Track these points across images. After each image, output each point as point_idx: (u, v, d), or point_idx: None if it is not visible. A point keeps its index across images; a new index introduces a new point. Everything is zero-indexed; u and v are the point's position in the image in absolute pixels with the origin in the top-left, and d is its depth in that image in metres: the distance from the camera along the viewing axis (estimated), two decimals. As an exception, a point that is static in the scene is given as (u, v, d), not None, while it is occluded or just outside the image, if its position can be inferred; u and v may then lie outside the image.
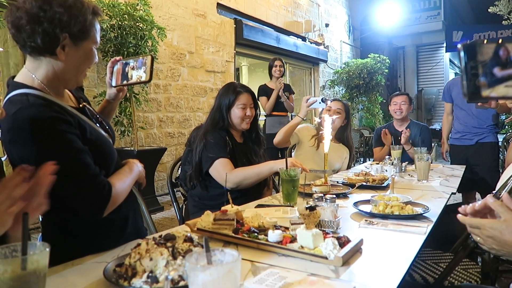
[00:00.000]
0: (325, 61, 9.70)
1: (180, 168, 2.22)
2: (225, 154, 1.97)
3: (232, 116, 2.09)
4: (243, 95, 2.09)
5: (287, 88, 5.10)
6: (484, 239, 0.92)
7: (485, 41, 0.56)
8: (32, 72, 1.16)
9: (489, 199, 0.93)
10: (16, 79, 1.16)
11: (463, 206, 0.98)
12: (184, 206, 2.20)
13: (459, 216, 0.98)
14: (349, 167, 3.03)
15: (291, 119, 4.54)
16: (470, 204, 0.98)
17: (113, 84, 1.46)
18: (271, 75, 5.05)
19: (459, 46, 0.55)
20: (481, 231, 0.92)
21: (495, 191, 1.79)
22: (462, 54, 0.56)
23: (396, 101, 3.44)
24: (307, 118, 6.00)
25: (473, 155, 3.37)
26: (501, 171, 3.58)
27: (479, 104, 2.78)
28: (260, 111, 2.23)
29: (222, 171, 1.92)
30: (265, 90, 4.94)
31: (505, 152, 3.75)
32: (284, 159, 1.83)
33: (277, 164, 1.95)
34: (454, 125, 3.58)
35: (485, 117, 3.35)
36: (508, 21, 6.34)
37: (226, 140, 2.04)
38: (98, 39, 1.22)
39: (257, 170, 1.99)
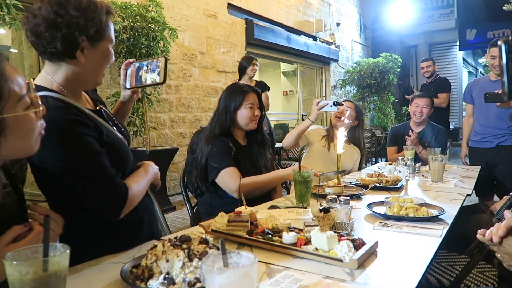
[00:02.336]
0: (336, 61, 9.65)
1: (185, 176, 2.19)
2: (230, 162, 1.93)
3: (239, 117, 2.05)
4: (250, 95, 2.06)
5: (260, 86, 4.70)
6: (502, 256, 0.90)
7: None
8: (51, 75, 1.18)
9: (507, 214, 0.91)
10: (35, 82, 1.18)
11: (482, 230, 0.96)
12: (195, 210, 2.20)
13: (478, 236, 0.97)
14: (360, 168, 3.01)
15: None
16: (494, 228, 0.95)
17: (127, 86, 1.47)
18: (241, 74, 4.76)
19: (499, 41, 0.53)
20: (499, 247, 0.91)
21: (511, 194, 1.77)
22: (503, 49, 0.53)
23: (418, 103, 3.34)
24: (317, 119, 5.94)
25: (493, 158, 3.25)
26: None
27: (497, 104, 2.74)
28: (265, 112, 2.19)
29: (229, 181, 1.89)
30: None
31: None
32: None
33: (288, 173, 1.95)
34: (474, 127, 3.46)
35: (506, 117, 3.25)
36: (524, 19, 6.23)
37: (230, 146, 2.00)
38: (113, 37, 1.23)
39: (266, 180, 1.98)
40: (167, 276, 0.87)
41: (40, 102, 0.89)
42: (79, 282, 0.96)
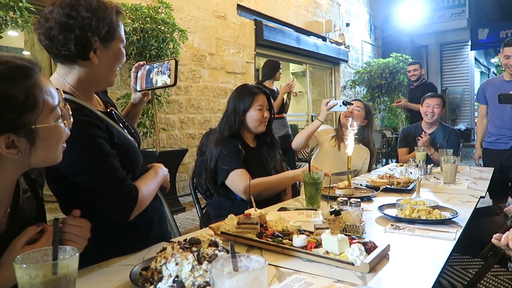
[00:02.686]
0: (346, 61, 9.59)
1: (194, 177, 2.18)
2: (240, 164, 1.92)
3: (248, 119, 2.02)
4: (259, 96, 2.03)
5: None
6: None
7: None
8: (63, 77, 1.18)
9: None
10: None
11: (498, 234, 0.94)
12: (204, 211, 2.19)
13: (494, 240, 0.94)
14: (370, 169, 2.98)
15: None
16: (510, 233, 0.93)
17: (138, 88, 1.47)
18: (268, 77, 4.77)
19: None
20: None
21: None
22: None
23: (429, 103, 3.27)
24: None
25: (508, 159, 3.16)
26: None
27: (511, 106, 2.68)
28: (274, 114, 2.16)
29: (239, 182, 1.88)
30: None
31: None
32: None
33: (298, 173, 1.93)
34: (488, 128, 3.38)
35: None
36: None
37: (239, 148, 1.98)
38: (124, 37, 1.24)
39: (276, 181, 1.96)
40: (176, 279, 0.86)
41: (70, 113, 0.91)
42: (88, 285, 0.96)
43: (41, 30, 1.12)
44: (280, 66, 4.77)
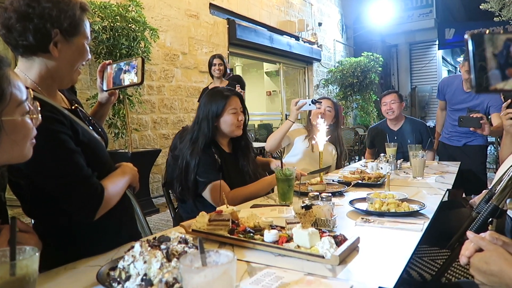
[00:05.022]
0: (319, 60, 9.71)
1: (165, 172, 2.12)
2: (216, 176, 1.82)
3: (223, 125, 1.93)
4: (232, 99, 1.95)
5: (234, 81, 4.40)
6: (472, 272, 0.92)
7: (491, 30, 0.53)
8: (25, 72, 1.14)
9: (469, 234, 0.94)
10: None
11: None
12: (176, 210, 2.16)
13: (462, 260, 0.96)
14: (339, 166, 3.00)
15: None
16: (462, 249, 0.97)
17: (104, 88, 1.44)
18: (211, 75, 4.65)
19: (466, 35, 0.52)
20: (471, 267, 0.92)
21: (490, 187, 1.80)
22: (469, 43, 0.53)
23: (385, 101, 3.33)
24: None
25: (460, 155, 3.27)
26: (494, 167, 3.55)
27: (471, 128, 2.71)
28: (248, 116, 2.07)
29: (216, 195, 1.80)
30: None
31: (499, 148, 3.71)
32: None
33: (275, 179, 1.92)
34: (445, 124, 3.48)
35: None
36: (500, 17, 6.37)
37: (215, 158, 1.88)
38: (89, 34, 1.21)
39: (256, 190, 1.92)
40: (144, 277, 0.84)
41: (39, 109, 0.89)
42: (53, 286, 0.93)
43: (0, 20, 1.08)
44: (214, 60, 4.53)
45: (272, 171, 2.13)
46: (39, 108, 0.89)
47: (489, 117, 3.01)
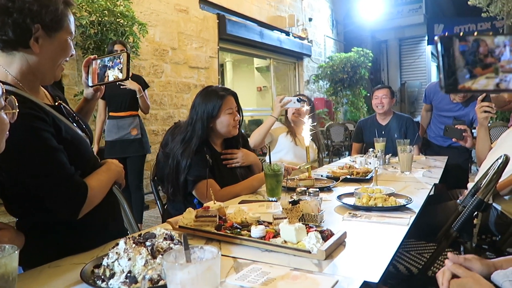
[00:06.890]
0: (309, 56, 9.72)
1: (155, 167, 2.09)
2: (205, 173, 1.76)
3: (219, 125, 1.88)
4: (228, 99, 1.89)
5: (135, 81, 3.69)
6: None
7: (462, 34, 0.55)
8: (5, 68, 1.11)
9: (448, 262, 0.98)
10: None
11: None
12: (165, 207, 2.14)
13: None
14: (319, 158, 3.04)
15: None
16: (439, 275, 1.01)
17: (90, 84, 1.42)
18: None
19: (436, 38, 0.55)
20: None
21: (475, 182, 1.82)
22: (439, 46, 0.55)
23: (377, 95, 3.36)
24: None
25: (444, 154, 3.28)
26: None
27: (453, 139, 2.75)
28: (242, 116, 2.03)
29: (204, 192, 1.77)
30: None
31: None
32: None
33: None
34: (431, 124, 3.50)
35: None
36: (487, 13, 6.43)
37: (206, 158, 1.83)
38: (73, 29, 1.18)
39: (246, 188, 1.89)
40: (129, 274, 0.84)
41: (16, 104, 0.86)
42: (36, 285, 0.91)
43: None
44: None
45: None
46: (16, 104, 0.87)
47: (473, 130, 3.03)
